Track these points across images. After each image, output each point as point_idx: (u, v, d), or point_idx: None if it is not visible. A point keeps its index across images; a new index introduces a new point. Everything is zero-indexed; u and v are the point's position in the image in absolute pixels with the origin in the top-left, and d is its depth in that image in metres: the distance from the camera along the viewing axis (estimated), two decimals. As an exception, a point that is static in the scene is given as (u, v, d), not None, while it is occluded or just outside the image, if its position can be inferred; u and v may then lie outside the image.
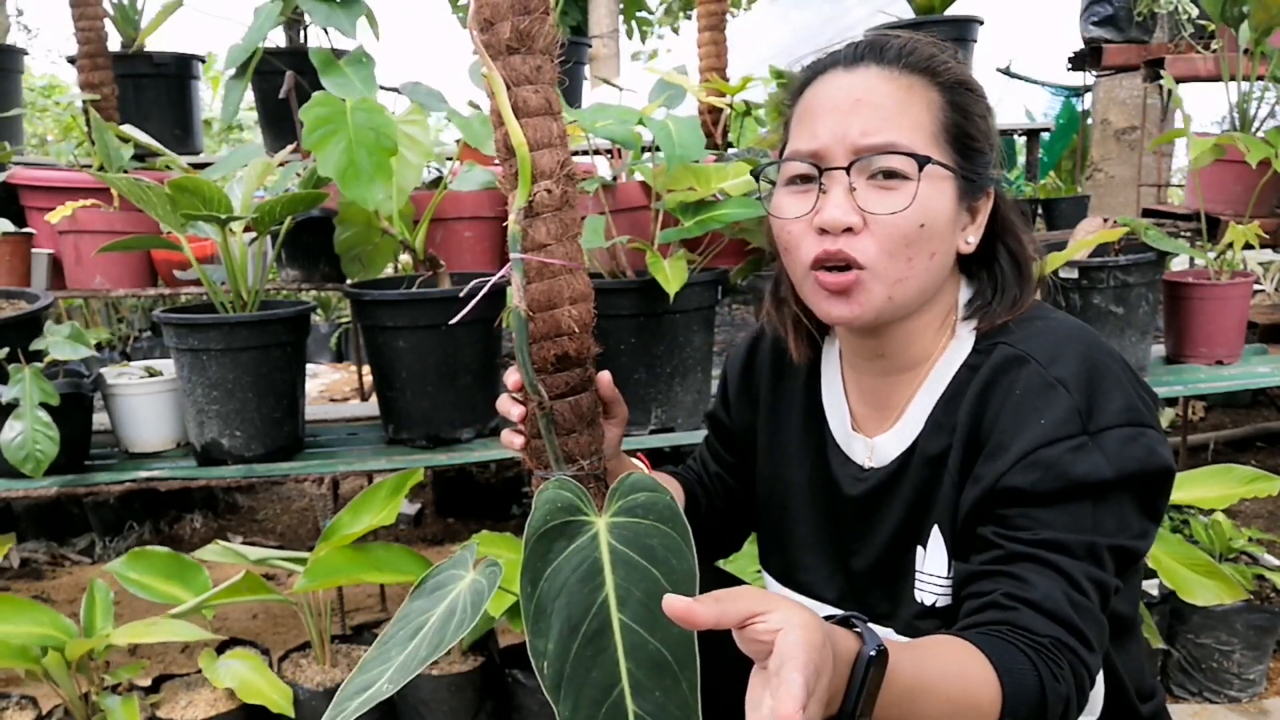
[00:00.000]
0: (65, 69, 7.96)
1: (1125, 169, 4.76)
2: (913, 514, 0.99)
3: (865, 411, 1.06)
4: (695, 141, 1.89)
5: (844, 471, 1.06)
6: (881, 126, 0.91)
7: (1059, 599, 0.84)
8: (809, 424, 1.11)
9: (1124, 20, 3.39)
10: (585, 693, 0.79)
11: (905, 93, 0.93)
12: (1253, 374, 2.32)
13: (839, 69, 0.95)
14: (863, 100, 0.92)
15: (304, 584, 1.72)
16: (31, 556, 2.99)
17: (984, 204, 0.98)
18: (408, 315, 1.90)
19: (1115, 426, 0.88)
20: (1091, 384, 0.89)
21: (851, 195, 0.91)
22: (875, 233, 0.91)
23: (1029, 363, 0.91)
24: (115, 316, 4.86)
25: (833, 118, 0.93)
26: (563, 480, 0.88)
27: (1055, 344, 0.92)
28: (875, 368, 1.02)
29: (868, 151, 0.91)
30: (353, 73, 1.99)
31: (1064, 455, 0.86)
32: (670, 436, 2.04)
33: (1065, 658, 0.83)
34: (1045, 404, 0.89)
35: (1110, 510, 0.87)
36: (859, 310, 0.93)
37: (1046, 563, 0.85)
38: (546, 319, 0.92)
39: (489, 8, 0.87)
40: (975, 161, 0.95)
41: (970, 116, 0.95)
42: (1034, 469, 0.87)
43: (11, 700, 1.87)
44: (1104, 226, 2.18)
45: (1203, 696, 2.01)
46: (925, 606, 0.97)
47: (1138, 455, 0.87)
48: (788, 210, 0.95)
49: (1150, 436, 0.89)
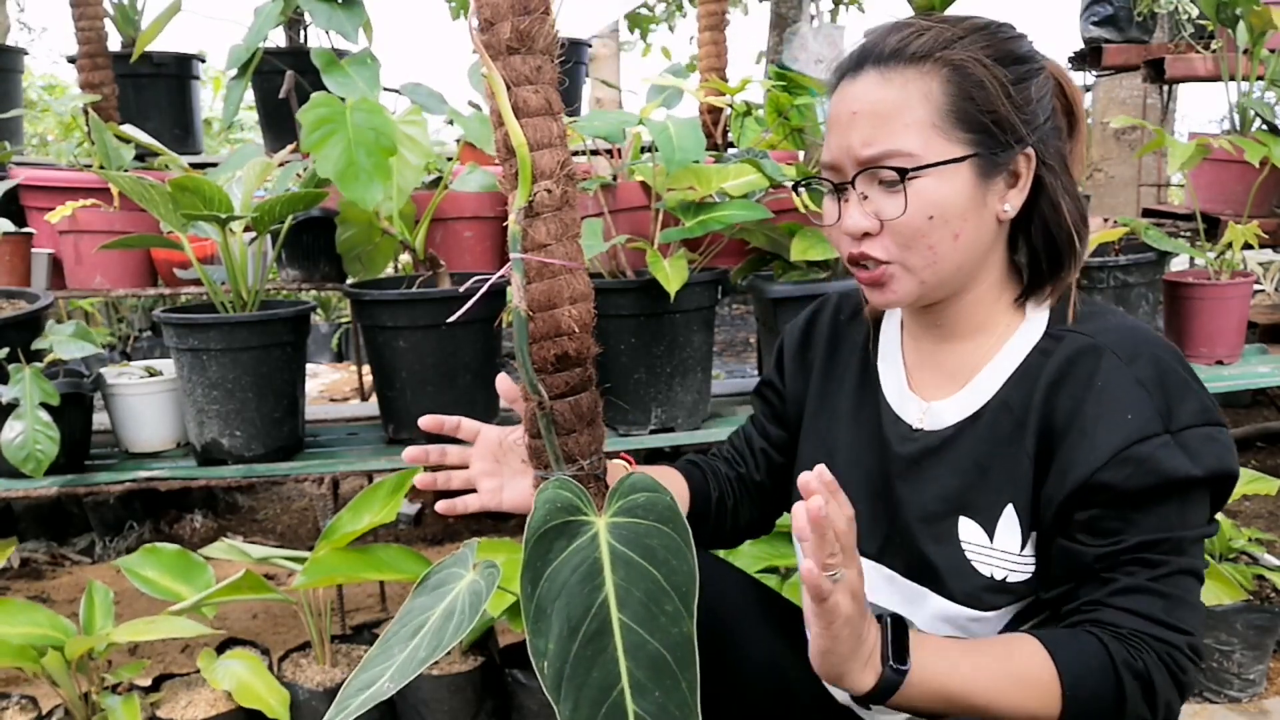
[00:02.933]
0: (65, 69, 7.97)
1: (1125, 169, 4.77)
2: (969, 485, 1.00)
3: (923, 376, 1.08)
4: (695, 144, 1.89)
5: (894, 430, 1.07)
6: (876, 135, 0.94)
7: (1143, 597, 0.89)
8: (862, 390, 1.13)
9: (1124, 20, 3.38)
10: (585, 692, 0.79)
11: (899, 92, 0.94)
12: (1253, 374, 2.32)
13: (846, 79, 0.99)
14: (858, 112, 0.96)
15: (303, 582, 1.72)
16: (31, 556, 2.99)
17: (1024, 165, 0.97)
18: (408, 315, 1.90)
19: (1194, 426, 0.91)
20: (1169, 385, 0.92)
21: (864, 203, 0.96)
22: (890, 232, 0.96)
23: (1106, 354, 0.94)
24: (115, 316, 4.86)
25: (838, 132, 0.98)
26: (563, 480, 0.88)
27: (1132, 342, 0.95)
28: (933, 335, 1.06)
29: (868, 164, 0.95)
30: (356, 73, 2.00)
31: (1155, 452, 0.89)
32: (670, 436, 2.04)
33: (1149, 645, 0.88)
34: (1131, 401, 0.91)
35: (1194, 506, 0.92)
36: (894, 298, 0.99)
37: (1139, 562, 0.90)
38: (546, 319, 0.92)
39: (489, 8, 0.87)
40: (1003, 131, 0.94)
41: (985, 89, 0.94)
42: (1126, 465, 0.89)
43: (12, 700, 1.87)
44: (1104, 226, 2.18)
45: (1203, 696, 2.01)
46: (996, 581, 0.98)
47: (1217, 453, 0.91)
48: (826, 216, 1.02)
49: (1226, 436, 0.93)
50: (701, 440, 2.05)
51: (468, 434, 1.11)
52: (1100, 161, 4.92)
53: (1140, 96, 4.26)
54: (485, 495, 1.09)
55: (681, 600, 0.80)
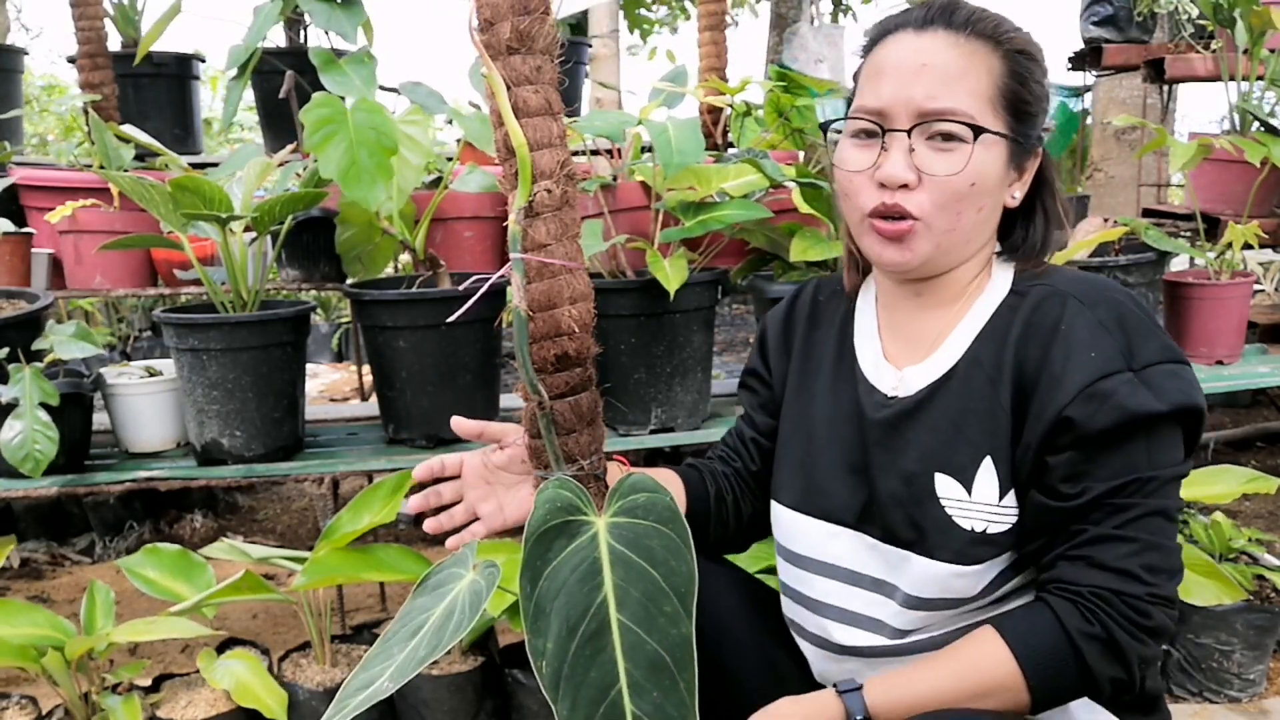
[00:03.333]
0: (65, 69, 7.97)
1: (1125, 169, 4.76)
2: (946, 442, 1.02)
3: (897, 347, 1.10)
4: (694, 145, 1.88)
5: (870, 399, 1.08)
6: (943, 92, 0.96)
7: (1108, 546, 0.91)
8: (839, 365, 1.14)
9: (1124, 20, 3.38)
10: (583, 692, 0.79)
11: (968, 59, 0.98)
12: (1253, 374, 2.32)
13: (909, 30, 1.00)
14: (928, 64, 0.97)
15: (303, 582, 1.72)
16: (31, 556, 2.99)
17: (1032, 163, 1.04)
18: (407, 315, 1.90)
19: (1157, 363, 0.94)
20: (1130, 326, 0.95)
21: (910, 155, 0.97)
22: (929, 189, 0.97)
23: (1069, 300, 0.97)
24: (115, 316, 4.86)
25: (898, 78, 0.98)
26: (563, 480, 0.89)
27: (1093, 289, 0.98)
28: (912, 304, 1.07)
29: (930, 117, 0.97)
30: (354, 72, 2.00)
31: (1119, 388, 0.92)
32: (670, 436, 2.04)
33: (1106, 602, 0.91)
34: (1094, 341, 0.94)
35: (1162, 444, 0.94)
36: (910, 256, 1.00)
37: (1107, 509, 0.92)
38: (546, 319, 0.92)
39: (489, 8, 0.87)
40: (1028, 124, 1.01)
41: (1027, 82, 1.00)
42: (1091, 401, 0.92)
43: (12, 700, 1.87)
44: (1104, 226, 2.18)
45: (1203, 696, 2.01)
46: (977, 533, 0.99)
47: (1181, 388, 0.93)
48: (851, 162, 1.01)
49: (1189, 373, 0.95)
50: (701, 440, 2.05)
51: (452, 470, 1.12)
52: (1100, 161, 4.92)
53: (1140, 96, 4.25)
54: (489, 520, 1.10)
55: (680, 601, 0.80)
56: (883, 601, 1.06)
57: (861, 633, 1.08)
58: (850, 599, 1.09)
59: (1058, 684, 0.92)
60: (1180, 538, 1.95)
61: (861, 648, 1.07)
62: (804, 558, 1.13)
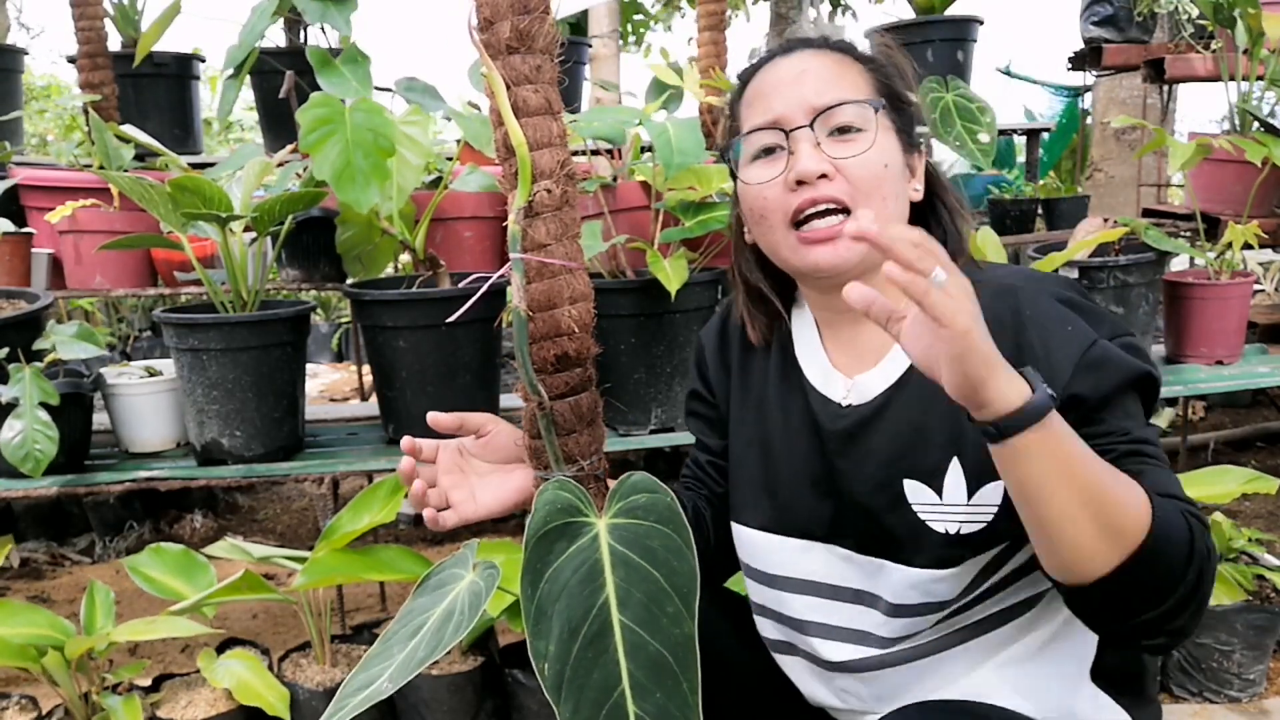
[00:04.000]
0: (65, 69, 7.97)
1: (1125, 169, 4.77)
2: (911, 446, 1.00)
3: (844, 359, 1.08)
4: (694, 146, 1.88)
5: (824, 410, 1.07)
6: (829, 88, 1.01)
7: (1174, 485, 0.89)
8: (785, 380, 1.12)
9: (1124, 20, 3.39)
10: (586, 694, 0.79)
11: (838, 64, 1.03)
12: (1253, 374, 2.32)
13: (776, 58, 1.06)
14: (807, 70, 1.03)
15: (303, 581, 1.72)
16: (31, 556, 2.99)
17: (919, 161, 1.07)
18: (407, 315, 1.90)
19: (1117, 336, 0.95)
20: (1083, 306, 0.96)
21: (818, 148, 0.99)
22: (848, 175, 0.98)
23: (1019, 290, 0.97)
24: (115, 316, 4.86)
25: (784, 89, 1.02)
26: (563, 481, 0.88)
27: (1034, 277, 1.01)
28: (852, 317, 1.05)
29: (825, 107, 0.99)
30: (349, 71, 1.99)
31: (1109, 352, 0.92)
32: (670, 436, 2.04)
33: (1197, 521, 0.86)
34: (1063, 317, 0.94)
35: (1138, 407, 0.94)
36: (845, 255, 0.98)
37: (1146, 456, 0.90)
38: (546, 319, 0.92)
39: (489, 7, 0.87)
40: (909, 119, 1.05)
41: (894, 79, 1.06)
42: (1091, 371, 0.91)
43: (12, 700, 1.87)
44: (1104, 226, 2.18)
45: (1203, 696, 2.01)
46: (951, 535, 0.98)
47: (1142, 359, 0.94)
48: (759, 178, 1.02)
49: (1142, 344, 1.00)
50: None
51: (429, 455, 1.08)
52: (1100, 161, 4.92)
53: (1140, 96, 4.25)
54: (461, 507, 1.06)
55: (682, 601, 0.80)
56: (865, 612, 1.05)
57: (849, 646, 1.06)
58: (831, 613, 1.07)
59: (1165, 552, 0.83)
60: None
61: (851, 662, 1.06)
62: (777, 577, 1.11)
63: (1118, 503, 0.81)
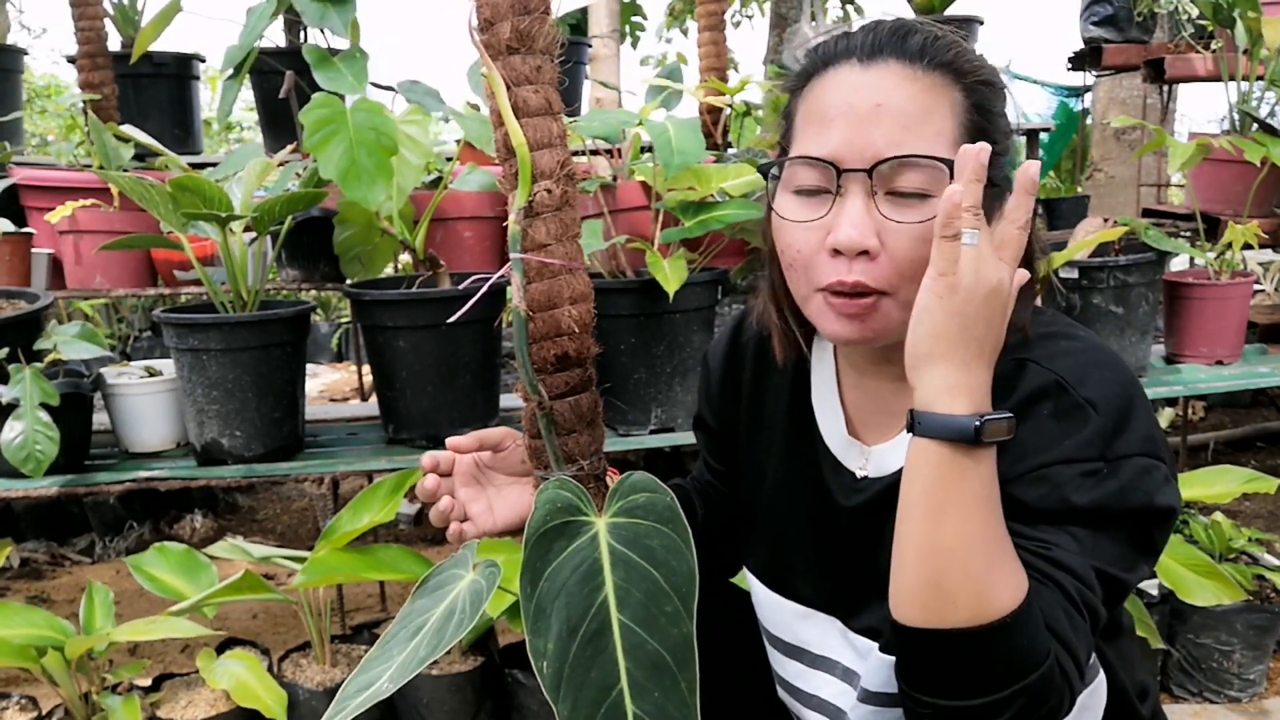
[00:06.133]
0: (65, 69, 7.97)
1: (1125, 169, 4.77)
2: None
3: (865, 418, 1.00)
4: (694, 146, 1.88)
5: (836, 480, 1.00)
6: (906, 138, 0.83)
7: (1060, 617, 0.79)
8: (795, 424, 1.05)
9: (1124, 20, 3.39)
10: (584, 693, 0.79)
11: (928, 96, 0.84)
12: (1253, 374, 2.32)
13: (854, 63, 0.86)
14: (884, 105, 0.83)
15: (303, 581, 1.72)
16: (31, 556, 2.99)
17: (999, 207, 0.86)
18: (407, 315, 1.90)
19: (1134, 455, 0.83)
20: (1118, 409, 0.84)
21: (871, 205, 0.83)
22: (894, 255, 0.83)
23: (1060, 386, 0.85)
24: (115, 316, 4.86)
25: (849, 123, 0.84)
26: (563, 480, 0.88)
27: (1083, 365, 0.86)
28: (882, 372, 0.96)
29: (893, 158, 0.83)
30: (346, 68, 2.00)
31: (1073, 479, 0.82)
32: (670, 436, 2.04)
33: (1059, 671, 0.78)
34: (1073, 425, 0.83)
35: (1110, 539, 0.83)
36: (870, 334, 0.87)
37: (1050, 578, 0.80)
38: (546, 319, 0.92)
39: (489, 7, 0.87)
40: (996, 166, 0.84)
41: (992, 116, 0.87)
42: (1040, 484, 0.82)
43: (12, 700, 1.87)
44: (1104, 226, 2.18)
45: (1203, 696, 2.01)
46: None
47: (1149, 489, 0.83)
48: (796, 215, 0.88)
49: (1164, 471, 0.84)
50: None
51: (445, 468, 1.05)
52: (1100, 161, 4.92)
53: (1140, 96, 4.26)
54: (479, 520, 1.04)
55: (681, 601, 0.80)
56: (848, 692, 1.00)
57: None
58: (823, 687, 1.03)
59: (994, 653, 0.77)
60: (1180, 538, 1.96)
61: None
62: (776, 638, 1.09)
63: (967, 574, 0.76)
